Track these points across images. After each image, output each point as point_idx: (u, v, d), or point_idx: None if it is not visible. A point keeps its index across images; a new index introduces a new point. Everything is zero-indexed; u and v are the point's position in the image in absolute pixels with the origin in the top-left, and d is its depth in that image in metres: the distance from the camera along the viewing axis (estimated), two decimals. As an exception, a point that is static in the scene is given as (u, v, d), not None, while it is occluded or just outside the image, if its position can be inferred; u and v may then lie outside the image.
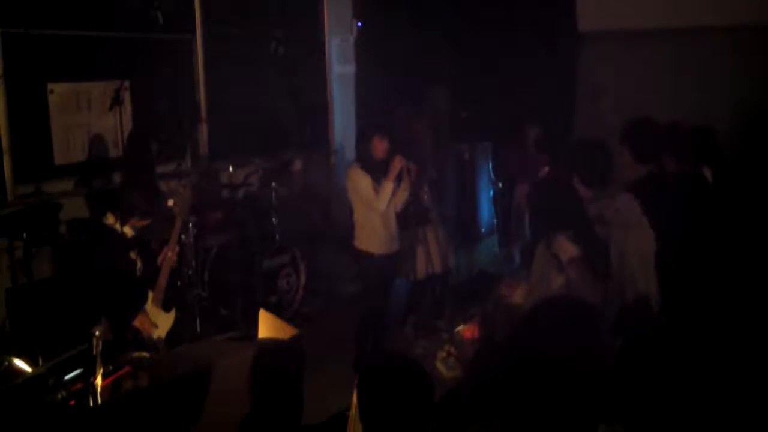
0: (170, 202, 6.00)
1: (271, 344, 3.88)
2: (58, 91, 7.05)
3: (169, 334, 5.74)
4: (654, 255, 4.46)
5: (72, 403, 3.93)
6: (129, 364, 3.97)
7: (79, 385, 4.05)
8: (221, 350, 3.87)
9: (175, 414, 3.43)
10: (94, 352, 3.75)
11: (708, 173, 4.93)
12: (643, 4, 8.53)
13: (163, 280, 5.67)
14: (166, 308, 5.74)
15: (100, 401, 3.72)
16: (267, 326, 4.07)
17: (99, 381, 3.76)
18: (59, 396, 4.03)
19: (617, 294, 4.45)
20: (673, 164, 4.83)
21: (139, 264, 5.69)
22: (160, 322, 5.65)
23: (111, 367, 4.02)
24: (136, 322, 5.50)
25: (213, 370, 3.44)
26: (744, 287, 4.55)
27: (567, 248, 4.30)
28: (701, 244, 4.47)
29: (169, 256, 5.74)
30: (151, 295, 5.63)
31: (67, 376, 4.16)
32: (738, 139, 6.41)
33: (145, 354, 4.76)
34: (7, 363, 5.62)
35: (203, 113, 8.44)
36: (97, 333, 3.74)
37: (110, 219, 5.49)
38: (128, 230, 5.53)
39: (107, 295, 5.38)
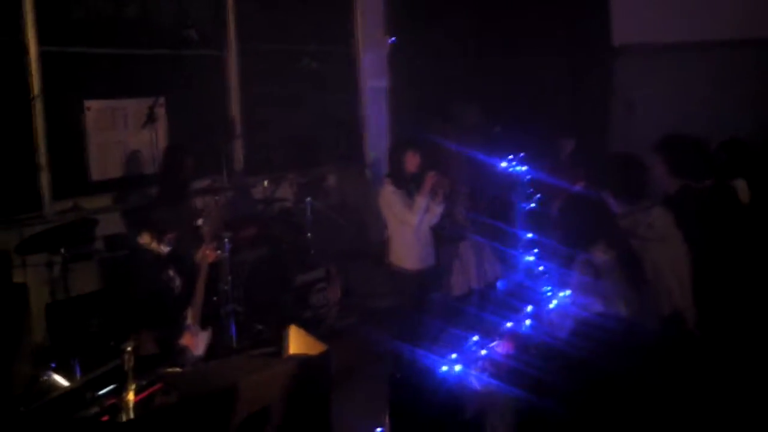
0: (199, 221, 6.03)
1: (299, 360, 3.88)
2: (94, 108, 7.14)
3: (207, 350, 5.77)
4: (689, 269, 4.40)
5: (105, 418, 3.96)
6: (160, 379, 3.99)
7: (112, 400, 4.08)
8: (250, 366, 3.86)
9: (203, 430, 3.44)
10: (126, 368, 3.77)
11: (744, 186, 4.87)
12: (678, 18, 8.45)
13: (199, 297, 5.66)
14: (203, 326, 5.76)
15: (131, 416, 3.74)
16: (297, 342, 4.07)
17: (130, 396, 3.78)
18: (93, 411, 4.06)
19: (653, 307, 4.39)
20: (707, 178, 4.77)
21: (177, 281, 5.71)
22: (198, 339, 5.68)
23: (144, 383, 4.04)
24: (183, 340, 5.51)
25: (241, 387, 3.44)
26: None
27: (602, 255, 4.26)
28: (736, 257, 4.41)
29: (207, 253, 5.73)
30: (190, 312, 5.64)
31: (101, 391, 4.20)
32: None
33: (177, 369, 4.78)
34: (45, 377, 5.70)
35: (238, 129, 8.49)
36: (128, 349, 3.76)
37: (146, 238, 5.52)
38: (163, 247, 5.56)
39: (146, 311, 5.41)
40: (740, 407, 4.04)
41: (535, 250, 8.09)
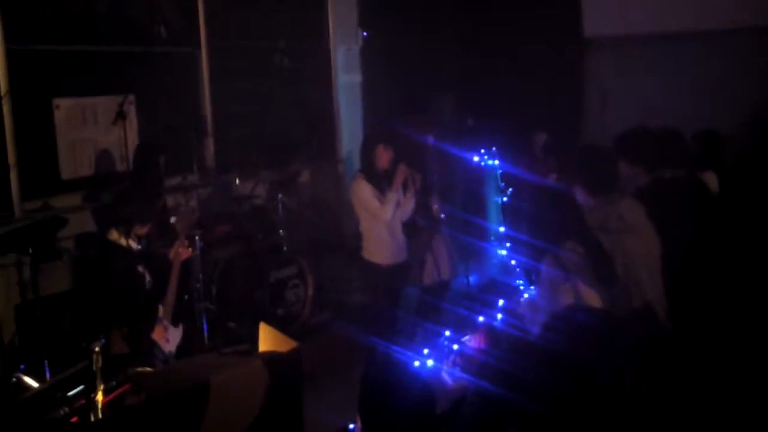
0: (172, 220, 5.99)
1: (269, 358, 3.86)
2: (63, 107, 7.06)
3: (179, 348, 5.74)
4: (660, 261, 4.40)
5: (74, 419, 3.91)
6: (129, 380, 3.95)
7: (82, 401, 4.04)
8: (220, 365, 3.84)
9: (171, 430, 3.41)
10: (94, 368, 3.73)
11: (713, 177, 4.89)
12: (648, 9, 8.49)
13: (171, 294, 5.65)
14: (175, 323, 5.73)
15: (100, 417, 3.70)
16: (267, 339, 4.05)
17: (99, 397, 3.74)
18: (62, 412, 4.02)
19: (623, 301, 4.40)
20: (676, 169, 4.79)
21: (147, 277, 5.68)
22: (170, 336, 5.65)
23: (114, 383, 4.01)
24: (154, 335, 5.49)
25: (210, 386, 3.42)
26: (751, 291, 4.50)
27: (573, 261, 4.26)
28: (707, 248, 4.42)
29: (180, 251, 5.72)
30: (161, 309, 5.62)
31: (70, 392, 4.15)
32: (743, 143, 6.36)
33: (148, 369, 4.74)
34: (15, 379, 5.64)
35: (209, 126, 8.44)
36: (97, 349, 3.72)
37: (114, 235, 5.48)
38: (133, 243, 5.53)
39: (117, 309, 5.37)
40: (714, 400, 4.06)
41: (508, 244, 8.11)
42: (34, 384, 5.44)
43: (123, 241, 5.45)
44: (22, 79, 6.70)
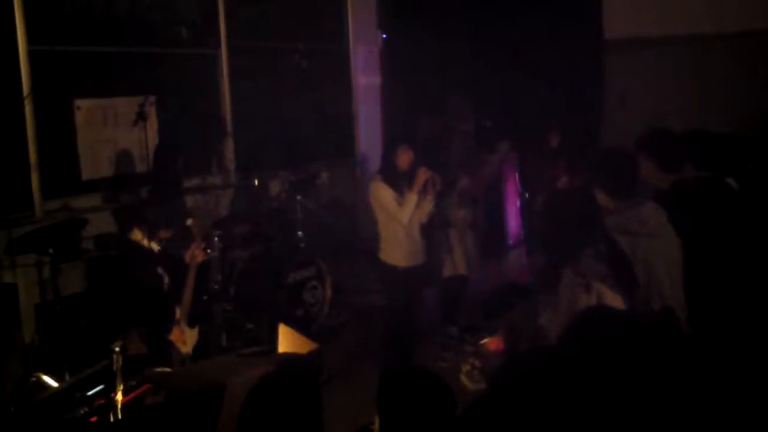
0: (189, 221, 6.02)
1: (288, 359, 3.86)
2: (84, 107, 7.10)
3: (195, 349, 5.75)
4: (681, 265, 4.37)
5: (94, 419, 3.92)
6: (149, 380, 3.96)
7: (101, 401, 4.04)
8: (238, 366, 3.83)
9: (192, 430, 3.41)
10: (114, 368, 3.74)
11: (731, 181, 4.84)
12: (668, 11, 8.46)
13: (188, 296, 5.66)
14: (191, 324, 5.74)
15: (120, 417, 3.71)
16: (287, 341, 4.05)
17: (119, 397, 3.75)
18: (81, 411, 4.03)
19: (643, 305, 4.37)
20: (697, 172, 4.75)
21: (166, 279, 5.70)
22: (186, 337, 5.66)
23: (134, 383, 4.01)
24: (172, 336, 5.51)
25: (229, 386, 3.42)
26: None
27: (594, 269, 4.23)
28: (728, 252, 4.39)
29: (196, 253, 5.73)
30: (178, 311, 5.63)
31: (90, 392, 4.16)
32: (762, 146, 6.31)
33: (167, 369, 4.75)
34: (35, 378, 5.66)
35: (229, 127, 8.46)
36: (117, 348, 3.73)
37: (137, 234, 5.50)
38: (155, 245, 5.55)
39: (135, 310, 5.39)
40: (730, 403, 4.02)
41: (526, 247, 8.10)
42: (54, 383, 5.46)
43: (146, 242, 5.47)
44: (43, 79, 6.74)
